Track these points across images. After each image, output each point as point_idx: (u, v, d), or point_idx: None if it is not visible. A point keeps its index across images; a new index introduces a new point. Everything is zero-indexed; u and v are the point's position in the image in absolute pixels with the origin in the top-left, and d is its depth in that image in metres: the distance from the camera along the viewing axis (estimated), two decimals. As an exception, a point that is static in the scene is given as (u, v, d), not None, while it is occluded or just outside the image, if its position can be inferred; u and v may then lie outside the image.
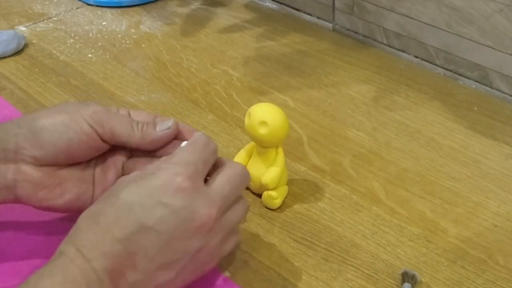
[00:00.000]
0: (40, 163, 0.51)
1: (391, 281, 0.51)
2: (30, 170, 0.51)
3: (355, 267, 0.53)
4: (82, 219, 0.45)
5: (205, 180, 0.48)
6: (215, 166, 0.49)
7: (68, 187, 0.52)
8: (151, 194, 0.45)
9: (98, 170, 0.54)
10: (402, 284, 0.51)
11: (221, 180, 0.48)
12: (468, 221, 0.57)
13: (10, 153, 0.50)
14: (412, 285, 0.50)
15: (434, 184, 0.61)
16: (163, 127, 0.52)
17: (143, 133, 0.52)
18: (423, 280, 0.51)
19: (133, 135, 0.52)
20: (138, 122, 0.52)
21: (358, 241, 0.55)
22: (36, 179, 0.51)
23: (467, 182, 0.61)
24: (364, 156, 0.64)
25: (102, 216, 0.44)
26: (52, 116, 0.51)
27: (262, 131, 0.55)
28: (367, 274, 0.52)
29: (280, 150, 0.58)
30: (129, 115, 0.54)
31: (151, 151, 0.53)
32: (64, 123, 0.50)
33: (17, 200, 0.52)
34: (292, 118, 0.69)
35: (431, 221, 0.57)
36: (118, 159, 0.54)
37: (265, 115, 0.55)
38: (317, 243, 0.55)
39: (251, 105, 0.57)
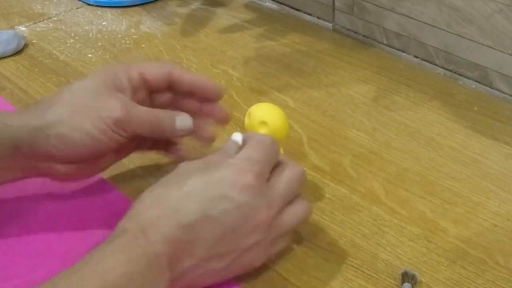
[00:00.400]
0: (71, 162, 0.54)
1: (391, 281, 0.51)
2: (63, 168, 0.54)
3: (355, 267, 0.53)
4: (146, 197, 0.47)
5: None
6: (275, 165, 0.51)
7: (103, 162, 0.56)
8: (218, 186, 0.47)
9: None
10: (402, 284, 0.50)
11: (281, 181, 0.50)
12: (468, 221, 0.57)
13: (41, 157, 0.53)
14: (412, 285, 0.50)
15: (434, 184, 0.61)
16: (184, 126, 0.55)
17: (162, 130, 0.55)
18: (423, 280, 0.51)
19: (153, 132, 0.55)
20: (156, 117, 0.54)
21: (358, 241, 0.55)
22: (69, 172, 0.54)
23: (467, 182, 0.61)
24: (364, 156, 0.64)
25: (167, 200, 0.46)
26: (76, 121, 0.52)
27: (262, 131, 0.55)
28: (367, 274, 0.52)
29: (280, 150, 0.58)
30: (142, 79, 0.56)
31: None
32: (89, 133, 0.52)
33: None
34: (292, 118, 0.69)
35: (431, 221, 0.57)
36: None
37: (265, 115, 0.55)
38: (317, 243, 0.55)
39: (251, 105, 0.58)
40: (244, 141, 0.52)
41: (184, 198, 0.47)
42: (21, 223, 0.56)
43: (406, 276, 0.51)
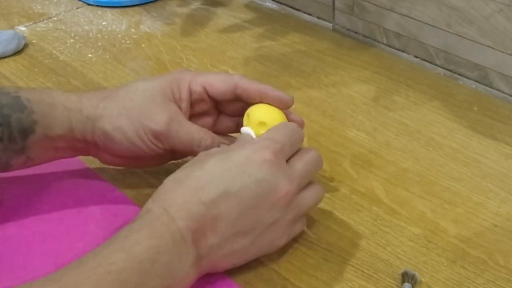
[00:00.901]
0: (116, 156, 0.57)
1: (391, 281, 0.51)
2: (108, 157, 0.58)
3: (355, 267, 0.53)
4: (169, 181, 0.49)
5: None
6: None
7: (144, 162, 0.59)
8: (237, 163, 0.49)
9: None
10: (402, 284, 0.50)
11: (299, 161, 0.51)
12: (468, 221, 0.57)
13: (91, 144, 0.57)
14: (412, 285, 0.50)
15: (434, 184, 0.61)
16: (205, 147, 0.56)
17: (197, 152, 0.55)
18: (423, 280, 0.51)
19: (190, 151, 0.56)
20: (200, 143, 0.55)
21: (358, 241, 0.55)
22: (114, 161, 0.59)
23: (467, 182, 0.61)
24: (364, 156, 0.64)
25: (188, 180, 0.48)
26: (122, 123, 0.55)
27: (261, 131, 0.55)
28: (367, 274, 0.52)
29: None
30: (206, 91, 0.57)
31: None
32: (131, 140, 0.55)
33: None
34: (292, 118, 0.69)
35: (431, 221, 0.57)
36: None
37: (264, 116, 0.55)
38: (317, 243, 0.55)
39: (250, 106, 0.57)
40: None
41: (205, 176, 0.48)
42: (20, 221, 0.57)
43: (406, 276, 0.51)
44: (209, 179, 0.48)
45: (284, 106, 0.56)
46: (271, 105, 0.56)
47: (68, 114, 0.56)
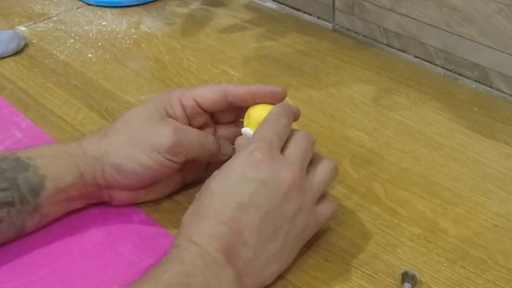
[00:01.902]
0: (130, 189, 0.57)
1: (391, 281, 0.51)
2: (122, 194, 0.57)
3: (355, 267, 0.53)
4: (186, 217, 0.49)
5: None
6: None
7: (160, 188, 0.58)
8: (237, 174, 0.49)
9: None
10: (402, 284, 0.50)
11: (292, 146, 0.52)
12: (468, 221, 0.57)
13: (102, 186, 0.56)
14: (412, 285, 0.50)
15: (434, 184, 0.61)
16: (225, 152, 0.58)
17: (212, 155, 0.57)
18: (423, 280, 0.51)
19: (204, 156, 0.57)
20: (209, 142, 0.57)
21: (358, 241, 0.55)
22: (129, 198, 0.57)
23: (467, 182, 0.61)
24: (364, 156, 0.64)
25: (202, 208, 0.49)
26: (130, 152, 0.55)
27: (262, 131, 0.55)
28: (367, 274, 0.52)
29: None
30: (197, 104, 0.57)
31: None
32: (144, 164, 0.54)
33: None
34: (292, 118, 0.69)
35: (431, 221, 0.57)
36: None
37: (264, 115, 0.55)
38: (317, 243, 0.55)
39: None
40: None
41: (215, 199, 0.48)
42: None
43: (406, 276, 0.51)
44: (220, 200, 0.48)
45: (278, 99, 0.56)
46: (266, 102, 0.56)
47: (74, 161, 0.55)
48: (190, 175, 0.60)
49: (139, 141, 0.55)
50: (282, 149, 0.51)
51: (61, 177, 0.54)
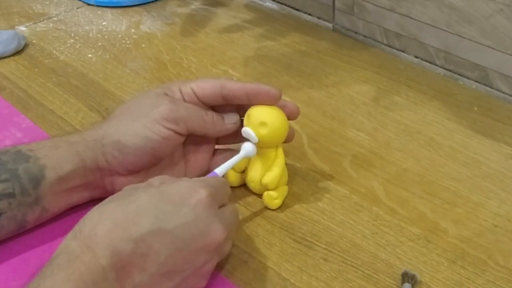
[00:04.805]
0: (132, 172, 0.55)
1: (391, 281, 0.51)
2: (125, 180, 0.55)
3: (355, 267, 0.53)
4: (94, 214, 0.46)
5: None
6: None
7: (164, 172, 0.56)
8: (172, 200, 0.47)
9: (186, 150, 0.59)
10: (402, 284, 0.51)
11: (228, 211, 0.51)
12: (468, 221, 0.57)
13: (104, 170, 0.55)
14: (412, 285, 0.50)
15: (434, 184, 0.61)
16: (231, 121, 0.58)
17: (213, 124, 0.57)
18: (423, 280, 0.51)
19: (205, 126, 0.56)
20: (207, 113, 0.57)
21: (358, 241, 0.55)
22: (131, 182, 0.53)
23: (467, 182, 0.61)
24: (364, 156, 0.64)
25: (116, 215, 0.45)
26: (129, 127, 0.54)
27: (262, 131, 0.55)
28: (367, 274, 0.52)
29: (280, 150, 0.58)
30: (194, 93, 0.57)
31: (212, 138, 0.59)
32: (144, 135, 0.54)
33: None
34: (292, 118, 0.69)
35: (431, 221, 0.57)
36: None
37: (264, 116, 0.56)
38: (317, 243, 0.55)
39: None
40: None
41: (136, 211, 0.45)
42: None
43: (406, 276, 0.51)
44: (141, 213, 0.45)
45: (272, 100, 0.56)
46: (260, 102, 0.56)
47: (74, 148, 0.54)
48: (194, 168, 0.59)
49: (137, 117, 0.55)
50: (220, 208, 0.50)
51: (61, 165, 0.53)
